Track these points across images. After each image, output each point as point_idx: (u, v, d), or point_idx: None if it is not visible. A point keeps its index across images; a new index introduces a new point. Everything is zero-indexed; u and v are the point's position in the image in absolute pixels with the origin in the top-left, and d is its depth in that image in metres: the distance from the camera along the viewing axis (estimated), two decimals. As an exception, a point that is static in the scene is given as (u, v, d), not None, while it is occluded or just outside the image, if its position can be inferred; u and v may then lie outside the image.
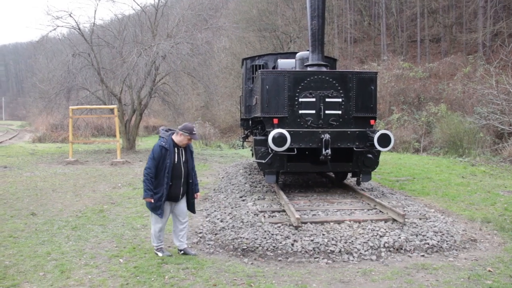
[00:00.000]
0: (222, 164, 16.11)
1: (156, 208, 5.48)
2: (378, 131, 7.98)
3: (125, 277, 4.93)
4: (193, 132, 5.56)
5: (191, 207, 5.87)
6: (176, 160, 5.52)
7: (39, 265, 5.32)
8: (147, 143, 25.68)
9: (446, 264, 5.36)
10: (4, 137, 32.29)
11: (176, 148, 5.55)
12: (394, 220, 6.69)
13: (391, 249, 5.80)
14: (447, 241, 6.03)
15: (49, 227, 7.07)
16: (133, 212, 8.15)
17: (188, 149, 5.73)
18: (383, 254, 5.70)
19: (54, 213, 8.09)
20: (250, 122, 11.69)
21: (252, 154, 11.66)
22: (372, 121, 8.47)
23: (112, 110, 18.94)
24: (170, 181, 5.47)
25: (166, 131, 5.69)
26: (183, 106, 27.10)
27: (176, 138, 5.57)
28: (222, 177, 12.35)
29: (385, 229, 6.31)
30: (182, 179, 5.60)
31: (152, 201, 5.42)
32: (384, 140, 7.86)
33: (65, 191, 10.29)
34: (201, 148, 24.82)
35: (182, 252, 5.78)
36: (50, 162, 16.45)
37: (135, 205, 8.69)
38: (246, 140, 14.33)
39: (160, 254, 5.66)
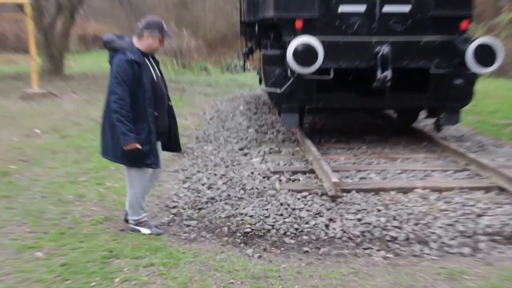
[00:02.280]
0: (210, 97, 16.45)
1: (144, 157, 5.59)
2: (474, 40, 7.89)
3: (45, 282, 4.71)
4: (164, 28, 5.69)
5: (175, 144, 6.19)
6: (155, 76, 5.75)
7: None
8: (85, 64, 25.79)
9: None
10: None
11: (147, 60, 5.72)
12: (501, 189, 6.80)
13: (497, 237, 5.70)
14: None
15: None
16: (61, 174, 8.06)
17: (155, 59, 5.99)
18: (482, 245, 5.57)
19: None
20: (257, 27, 11.70)
21: (260, 80, 11.98)
22: (463, 24, 8.40)
23: (20, 6, 18.56)
24: (155, 110, 5.65)
25: (119, 38, 5.75)
26: (144, 2, 26.73)
27: (142, 43, 5.65)
28: (211, 118, 12.61)
29: (485, 204, 6.36)
30: (166, 104, 5.95)
31: (139, 146, 5.48)
32: (485, 56, 7.85)
33: None
34: (174, 72, 24.97)
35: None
36: None
37: (65, 164, 8.63)
38: (250, 56, 14.50)
39: (146, 231, 5.80)
